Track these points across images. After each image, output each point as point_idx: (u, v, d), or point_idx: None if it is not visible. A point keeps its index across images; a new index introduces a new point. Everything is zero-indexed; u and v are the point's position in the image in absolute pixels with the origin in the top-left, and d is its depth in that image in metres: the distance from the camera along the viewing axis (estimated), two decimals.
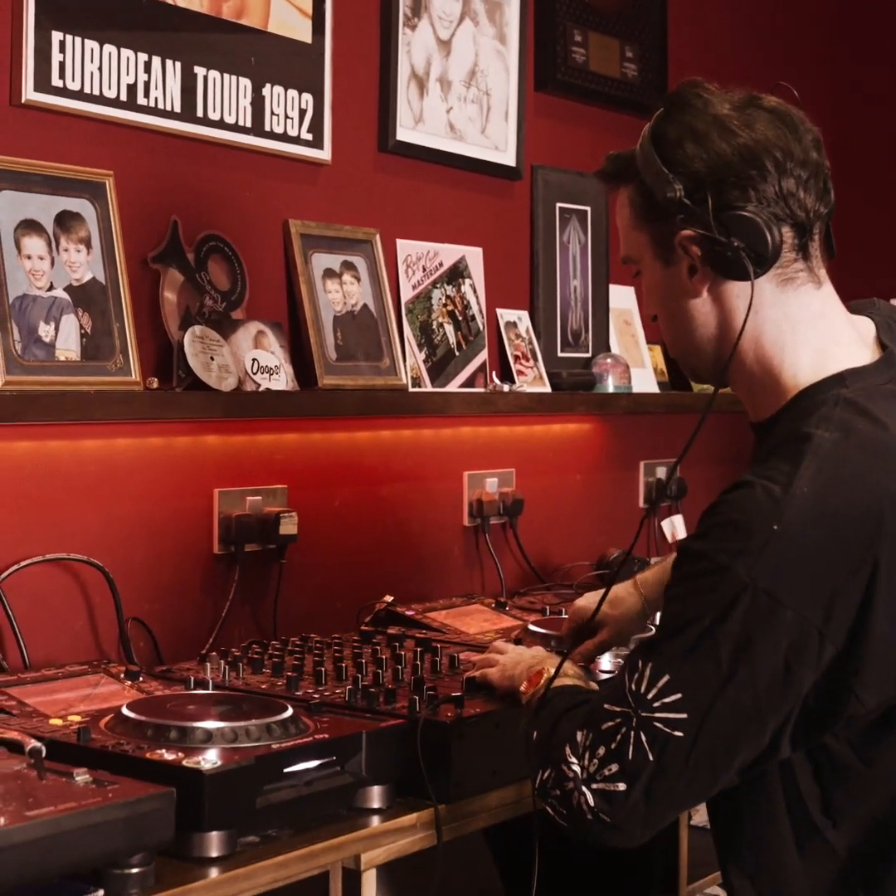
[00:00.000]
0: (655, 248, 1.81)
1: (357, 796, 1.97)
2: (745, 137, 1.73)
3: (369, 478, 3.05)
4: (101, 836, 1.59)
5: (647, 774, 1.66)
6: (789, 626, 1.60)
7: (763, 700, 1.62)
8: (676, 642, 1.65)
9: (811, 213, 1.74)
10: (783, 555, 1.60)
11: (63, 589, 2.47)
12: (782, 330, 1.75)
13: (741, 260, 1.71)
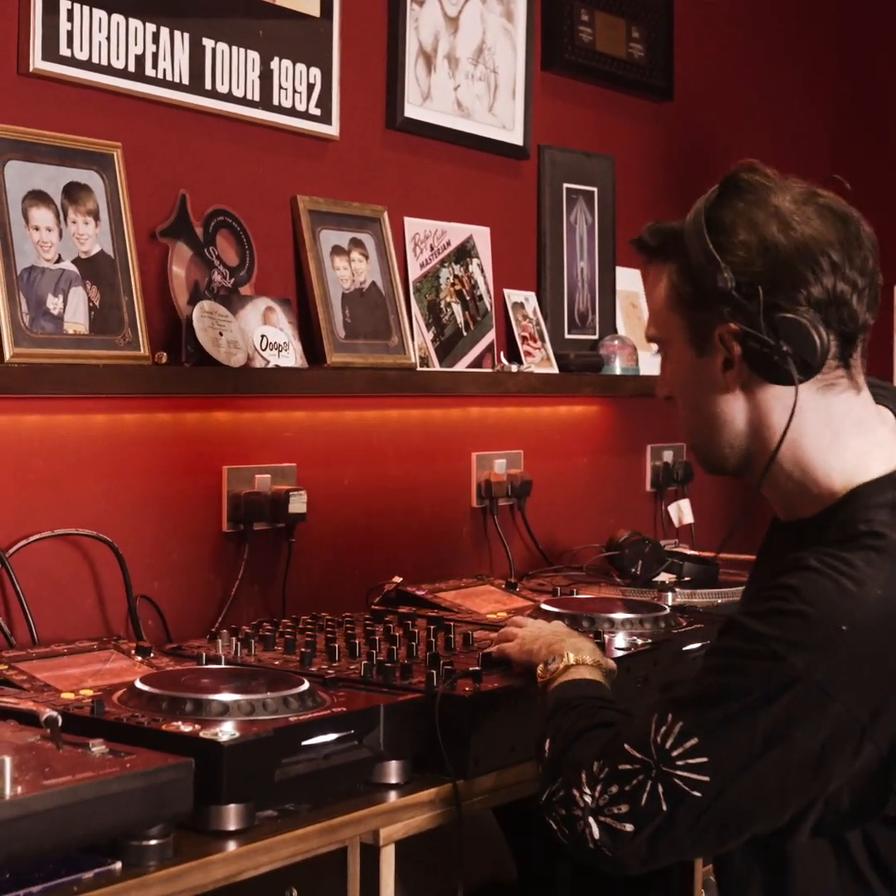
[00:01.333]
0: (690, 335, 1.73)
1: (375, 771, 1.94)
2: (805, 233, 1.65)
3: (378, 457, 3.02)
4: (119, 806, 1.56)
5: (657, 823, 1.63)
6: (834, 718, 1.56)
7: (790, 783, 1.59)
8: (714, 711, 1.61)
9: (860, 323, 1.67)
10: (845, 655, 1.56)
11: (71, 565, 2.44)
12: (823, 434, 1.70)
13: (787, 365, 1.65)
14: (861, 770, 1.60)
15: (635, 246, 1.81)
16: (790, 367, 1.65)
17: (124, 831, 1.59)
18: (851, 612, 1.56)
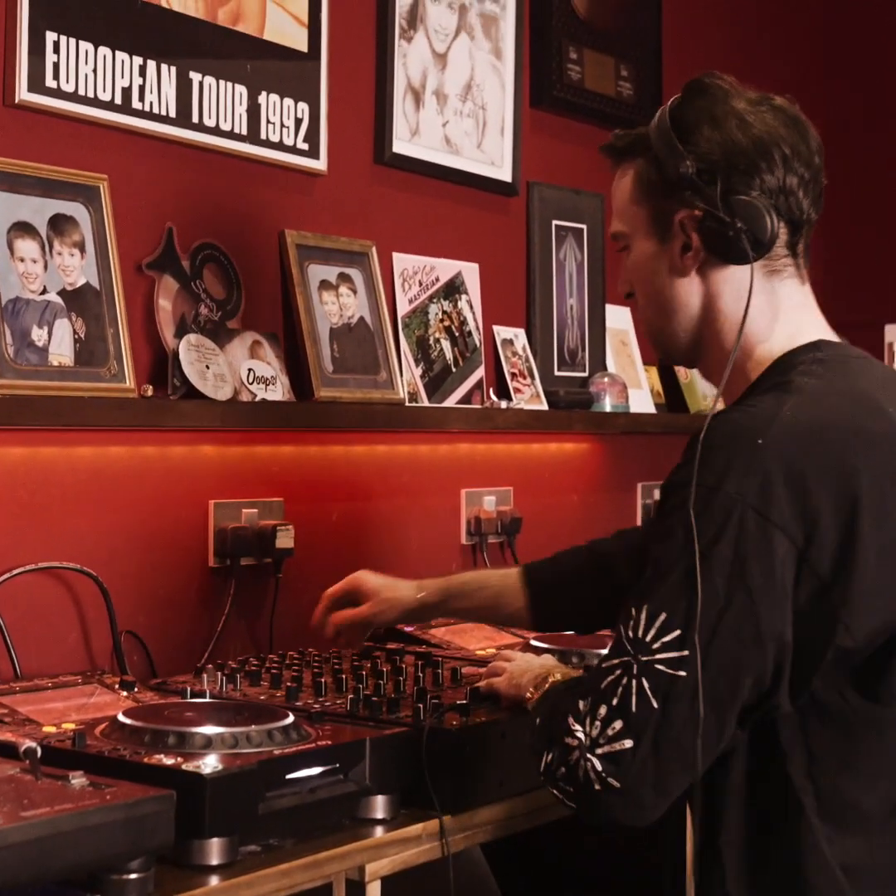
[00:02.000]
0: (652, 224, 1.84)
1: (361, 806, 1.91)
2: (759, 129, 1.79)
3: (366, 493, 3.00)
4: (99, 838, 1.53)
5: (653, 725, 1.61)
6: (777, 545, 1.61)
7: (763, 624, 1.61)
8: (670, 578, 1.63)
9: (805, 213, 1.81)
10: (769, 470, 1.62)
11: (55, 598, 2.41)
12: (764, 314, 1.81)
13: (741, 242, 1.76)
14: (809, 600, 1.62)
15: (604, 151, 1.94)
16: (744, 244, 1.76)
17: (104, 864, 1.56)
18: (765, 428, 1.64)
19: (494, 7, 3.41)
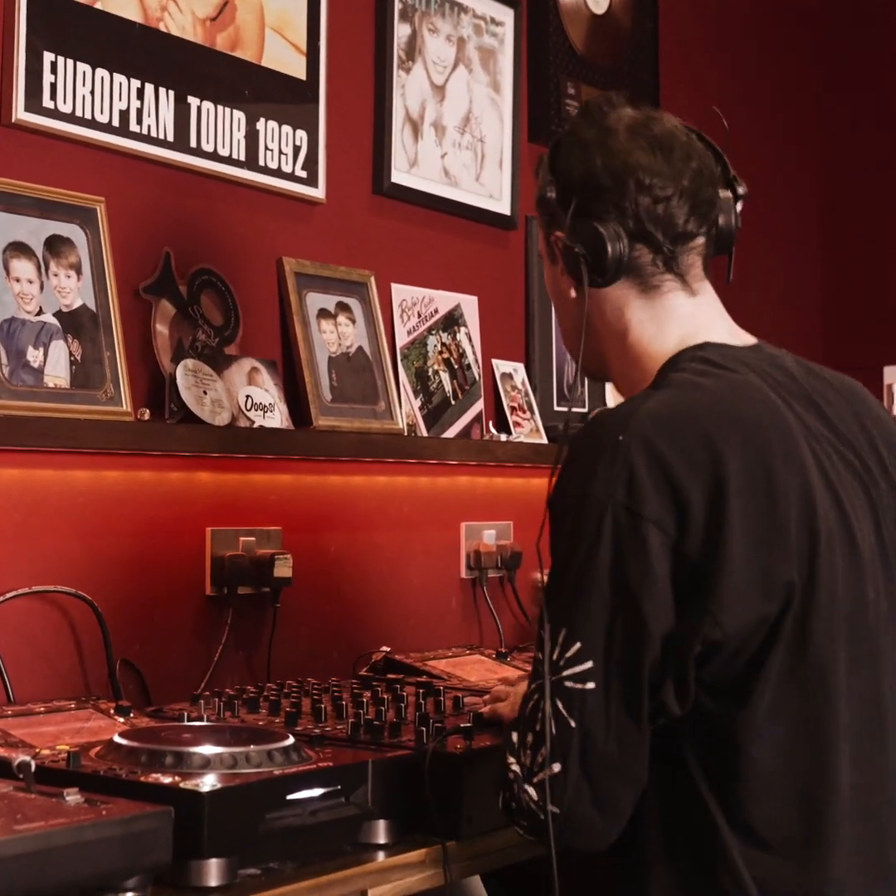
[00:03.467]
0: (545, 245, 1.91)
1: (362, 830, 1.86)
2: (619, 156, 1.80)
3: (365, 524, 2.96)
4: (95, 854, 1.48)
5: (576, 744, 1.59)
6: (653, 539, 1.59)
7: (650, 621, 1.59)
8: (564, 592, 1.64)
9: (674, 233, 1.81)
10: (632, 464, 1.61)
11: (50, 623, 2.37)
12: (646, 327, 1.82)
13: (580, 265, 1.80)
14: (682, 594, 1.61)
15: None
16: (582, 266, 1.79)
17: (100, 882, 1.51)
18: (625, 424, 1.64)
19: (492, 41, 3.41)
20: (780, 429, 1.70)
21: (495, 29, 3.42)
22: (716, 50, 4.26)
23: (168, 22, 2.60)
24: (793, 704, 1.64)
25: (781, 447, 1.68)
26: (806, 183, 4.63)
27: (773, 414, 1.71)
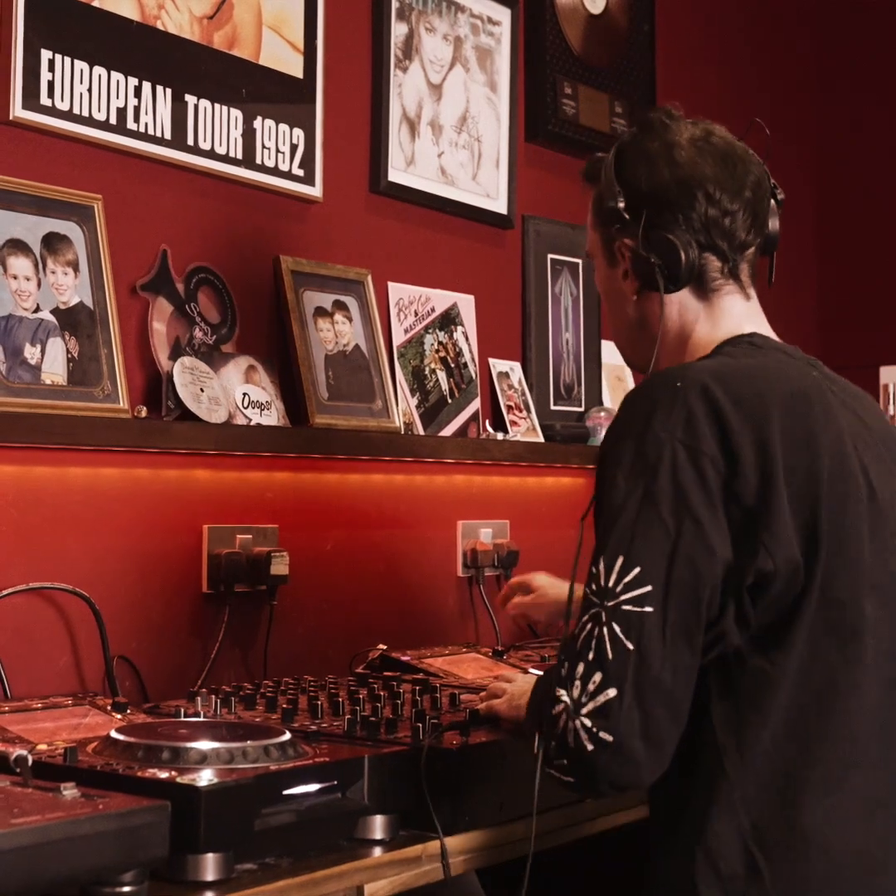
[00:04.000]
0: (603, 249, 2.01)
1: (359, 826, 1.86)
2: (686, 168, 1.91)
3: (362, 522, 2.96)
4: (91, 848, 1.47)
5: (633, 668, 1.65)
6: (710, 474, 1.69)
7: (716, 546, 1.68)
8: (619, 523, 1.70)
9: (739, 241, 1.93)
10: (691, 407, 1.72)
11: (47, 620, 2.37)
12: (703, 325, 1.95)
13: (655, 274, 1.92)
14: (732, 528, 1.70)
15: (581, 175, 2.09)
16: (658, 276, 1.91)
17: (96, 876, 1.51)
18: (682, 373, 1.77)
19: (489, 41, 3.41)
20: (821, 398, 1.83)
21: (492, 28, 3.42)
22: (712, 50, 4.27)
23: (165, 20, 2.61)
24: (822, 652, 1.74)
25: (822, 414, 1.81)
26: (801, 183, 4.63)
27: (816, 386, 1.85)
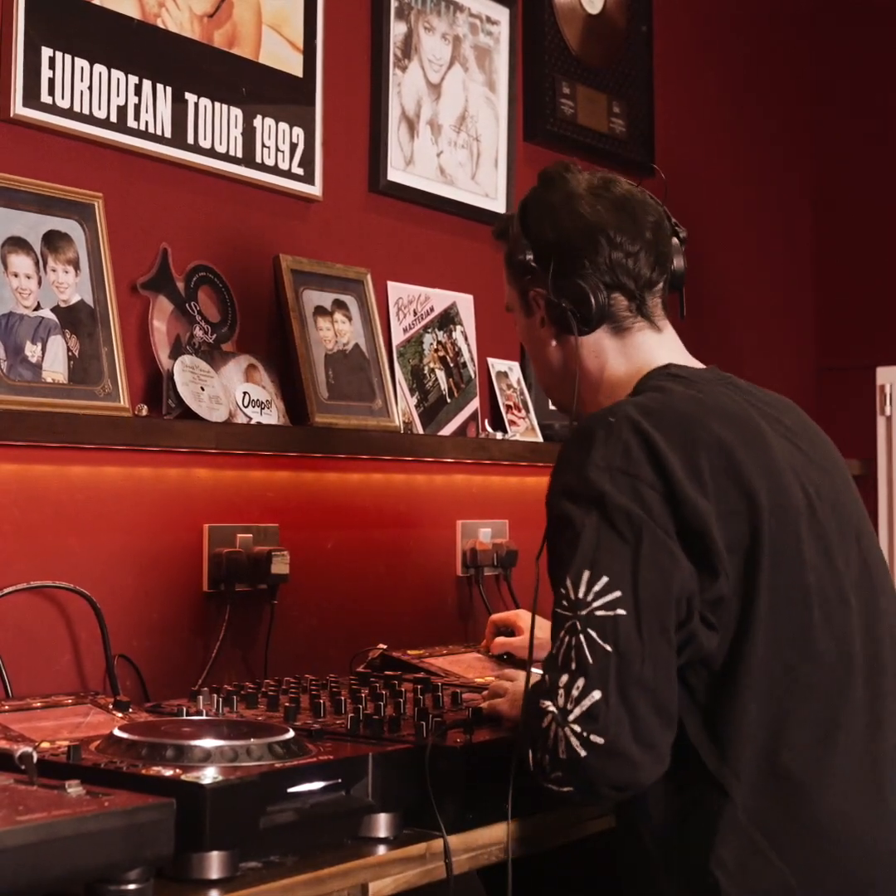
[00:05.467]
0: (520, 300, 2.12)
1: (363, 824, 1.86)
2: (587, 217, 2.02)
3: (362, 521, 2.95)
4: (97, 845, 1.47)
5: (614, 669, 1.69)
6: (650, 498, 1.78)
7: (674, 547, 1.76)
8: (581, 544, 1.77)
9: (642, 282, 2.04)
10: (625, 439, 1.81)
11: (48, 618, 2.36)
12: (619, 362, 2.05)
13: (568, 319, 2.02)
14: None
15: (492, 235, 2.21)
16: (571, 320, 2.02)
17: (102, 873, 1.50)
18: (612, 412, 1.86)
19: (488, 40, 3.41)
20: (743, 416, 1.93)
21: (491, 28, 3.42)
22: (709, 50, 4.27)
23: (166, 18, 2.60)
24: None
25: (746, 430, 1.90)
26: (798, 183, 4.63)
27: (736, 405, 1.94)
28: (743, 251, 4.37)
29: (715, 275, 4.12)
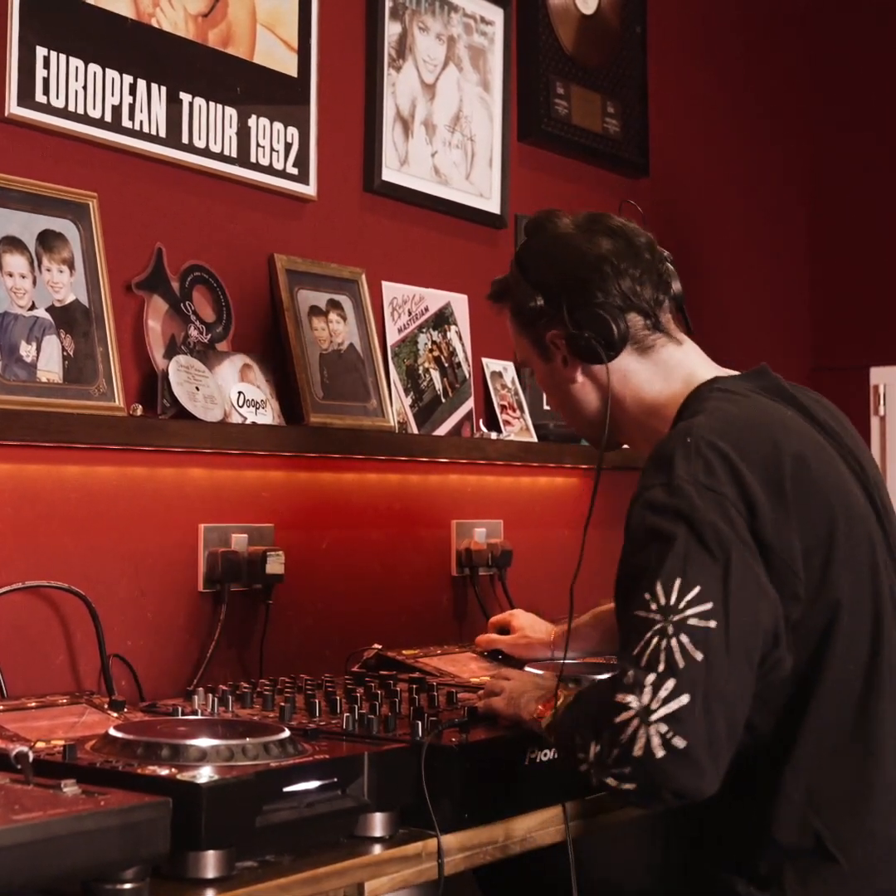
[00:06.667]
0: (536, 349, 2.16)
1: (359, 823, 1.86)
2: (586, 251, 2.09)
3: (357, 521, 2.95)
4: (93, 844, 1.47)
5: (703, 677, 1.71)
6: (736, 517, 1.81)
7: (761, 573, 1.79)
8: (671, 554, 1.78)
9: (651, 300, 2.10)
10: (706, 455, 1.84)
11: (42, 618, 2.36)
12: (654, 383, 2.10)
13: (594, 347, 2.07)
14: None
15: (489, 299, 2.25)
16: (597, 347, 2.07)
17: (98, 872, 1.50)
18: (687, 431, 1.90)
19: (482, 40, 3.41)
20: (803, 430, 1.99)
21: (485, 28, 3.42)
22: (704, 50, 4.27)
23: (160, 18, 2.60)
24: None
25: (812, 443, 1.97)
26: (793, 183, 4.64)
27: (793, 421, 2.00)
28: (737, 251, 4.37)
29: (709, 275, 4.12)
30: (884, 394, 4.38)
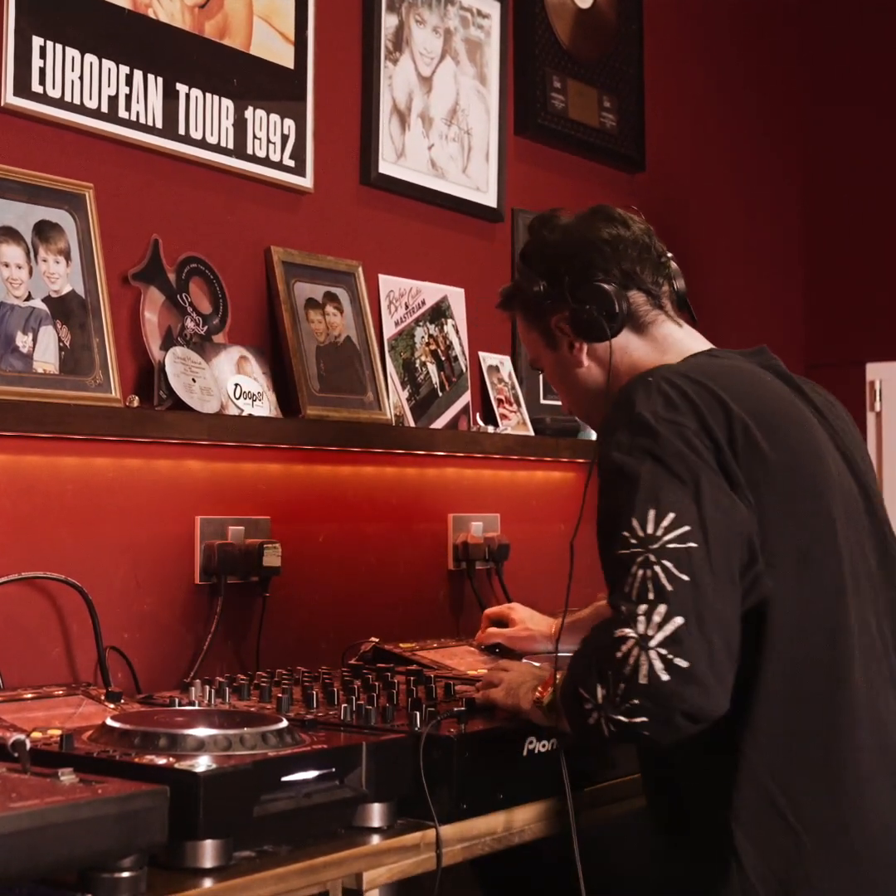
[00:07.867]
0: (543, 340, 2.19)
1: (357, 814, 1.85)
2: (586, 235, 2.15)
3: (354, 514, 2.95)
4: (91, 832, 1.47)
5: (692, 597, 1.74)
6: (698, 443, 1.85)
7: (729, 490, 1.83)
8: (640, 488, 1.82)
9: (651, 282, 2.14)
10: (666, 392, 1.89)
11: (38, 609, 2.35)
12: (651, 356, 2.12)
13: (596, 320, 2.11)
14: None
15: (499, 307, 2.31)
16: (601, 320, 2.10)
17: (96, 861, 1.50)
18: (650, 373, 1.96)
19: (479, 33, 3.41)
20: (781, 393, 2.03)
21: (482, 21, 3.42)
22: (699, 45, 4.27)
23: (157, 8, 2.59)
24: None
25: (789, 405, 2.01)
26: (789, 178, 4.63)
27: (771, 381, 2.05)
28: (732, 246, 4.37)
29: (704, 270, 4.11)
30: (880, 389, 4.38)
